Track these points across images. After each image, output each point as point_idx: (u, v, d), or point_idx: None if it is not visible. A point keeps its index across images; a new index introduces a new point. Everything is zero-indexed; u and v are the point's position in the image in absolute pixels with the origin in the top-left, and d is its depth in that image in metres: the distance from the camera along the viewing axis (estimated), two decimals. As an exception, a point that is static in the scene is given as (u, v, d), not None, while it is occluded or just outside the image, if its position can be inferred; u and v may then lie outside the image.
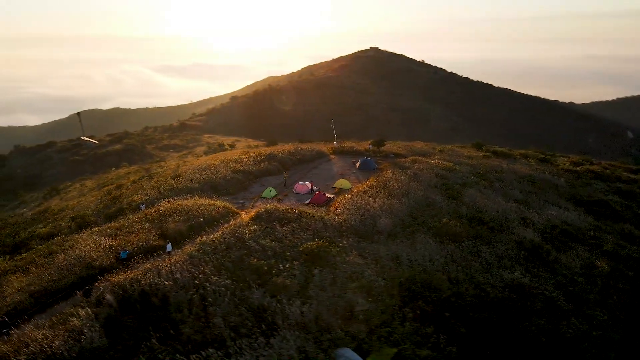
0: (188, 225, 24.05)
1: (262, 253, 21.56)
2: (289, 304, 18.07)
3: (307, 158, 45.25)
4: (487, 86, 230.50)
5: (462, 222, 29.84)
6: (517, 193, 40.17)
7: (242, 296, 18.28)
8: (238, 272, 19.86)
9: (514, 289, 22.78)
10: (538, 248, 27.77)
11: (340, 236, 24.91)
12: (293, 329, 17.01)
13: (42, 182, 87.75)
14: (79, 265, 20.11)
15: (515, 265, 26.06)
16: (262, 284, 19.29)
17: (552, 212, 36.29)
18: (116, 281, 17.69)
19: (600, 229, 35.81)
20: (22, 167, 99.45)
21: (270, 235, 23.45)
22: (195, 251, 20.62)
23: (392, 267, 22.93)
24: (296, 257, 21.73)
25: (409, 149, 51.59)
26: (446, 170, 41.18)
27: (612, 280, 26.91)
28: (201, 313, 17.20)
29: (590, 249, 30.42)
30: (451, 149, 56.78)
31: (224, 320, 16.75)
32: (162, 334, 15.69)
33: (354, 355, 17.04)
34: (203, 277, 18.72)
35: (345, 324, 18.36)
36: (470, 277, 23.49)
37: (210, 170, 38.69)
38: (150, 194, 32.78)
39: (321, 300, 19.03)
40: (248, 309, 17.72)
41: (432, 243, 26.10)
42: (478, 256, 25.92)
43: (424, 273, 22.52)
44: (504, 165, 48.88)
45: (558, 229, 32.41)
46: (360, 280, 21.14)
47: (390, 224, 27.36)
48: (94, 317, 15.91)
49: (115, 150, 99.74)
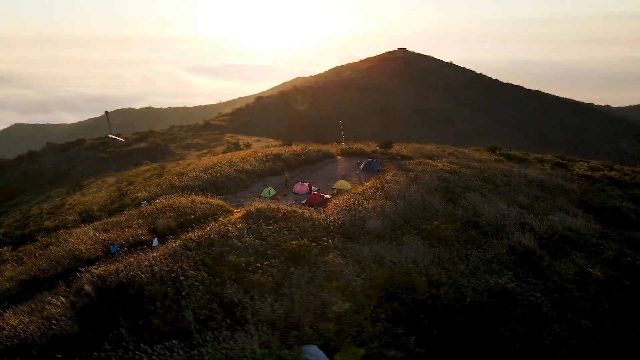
0: (178, 222, 24.92)
1: (243, 250, 22.15)
2: (261, 300, 18.55)
3: (312, 159, 45.74)
4: (516, 88, 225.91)
5: (456, 226, 29.73)
6: (523, 198, 39.56)
7: (215, 291, 18.88)
8: (216, 268, 20.49)
9: (496, 294, 22.62)
10: (530, 254, 27.42)
11: (326, 236, 25.25)
12: (261, 324, 17.47)
13: (70, 178, 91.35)
14: (67, 257, 21.21)
15: (504, 270, 25.83)
16: (238, 280, 19.85)
17: (556, 218, 35.63)
18: (97, 273, 18.60)
19: (606, 236, 34.97)
20: (53, 163, 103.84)
21: (255, 233, 24.01)
22: (178, 247, 21.39)
23: (374, 267, 23.12)
24: (277, 255, 22.21)
25: (418, 151, 51.41)
26: (450, 173, 40.91)
27: (606, 289, 26.34)
28: (174, 306, 17.87)
29: (588, 256, 29.82)
30: (463, 151, 56.20)
31: (194, 314, 17.37)
32: (131, 323, 16.47)
33: (319, 353, 17.41)
34: (180, 272, 19.43)
35: (315, 322, 18.70)
36: (454, 281, 23.47)
37: (215, 169, 39.70)
38: (152, 191, 33.98)
39: (294, 298, 19.42)
40: (220, 304, 18.30)
41: (420, 245, 26.13)
42: (466, 260, 25.81)
43: (403, 275, 22.64)
44: (515, 170, 48.15)
45: (557, 235, 31.84)
46: (338, 280, 21.43)
47: (380, 226, 27.52)
48: (69, 306, 16.83)
49: (140, 149, 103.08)
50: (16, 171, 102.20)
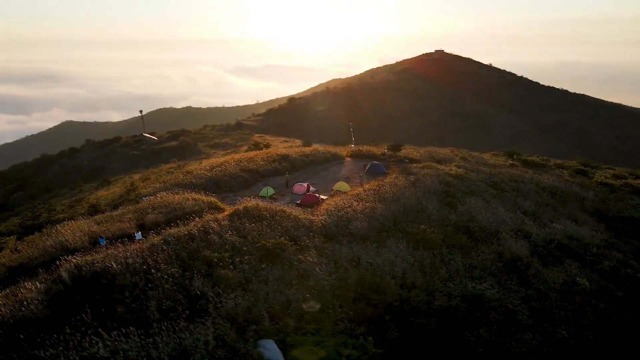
0: (167, 218, 26.09)
1: (220, 247, 22.96)
2: (225, 294, 19.31)
3: (320, 160, 46.28)
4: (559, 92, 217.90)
5: (446, 230, 29.57)
6: (529, 204, 38.71)
7: (184, 284, 19.77)
8: (190, 262, 21.38)
9: (470, 300, 22.49)
10: (517, 261, 26.98)
11: (307, 236, 25.75)
12: (221, 317, 18.24)
13: (104, 174, 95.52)
14: (55, 247, 22.72)
15: (487, 276, 25.53)
16: (208, 274, 20.72)
17: (559, 226, 34.74)
18: (74, 262, 19.88)
19: (612, 246, 33.84)
20: (90, 159, 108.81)
21: (236, 230, 24.80)
22: (158, 241, 22.51)
23: (349, 268, 23.42)
24: (253, 253, 22.89)
25: (429, 154, 50.92)
26: (455, 178, 40.49)
27: (594, 299, 25.66)
28: (141, 296, 18.85)
29: (584, 265, 28.97)
30: (477, 156, 55.16)
31: (158, 304, 18.28)
32: (96, 310, 17.61)
33: (273, 347, 17.97)
34: (153, 264, 20.48)
35: (276, 318, 19.32)
36: (430, 284, 23.50)
37: (220, 168, 40.93)
38: (156, 188, 35.50)
39: (259, 294, 20.04)
40: (186, 296, 19.17)
41: (402, 248, 26.22)
42: (448, 265, 25.73)
43: (375, 276, 22.88)
44: (527, 176, 47.02)
45: (555, 243, 31.08)
46: (308, 279, 21.95)
47: (365, 227, 27.75)
48: (44, 291, 18.17)
49: (170, 147, 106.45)
50: (57, 166, 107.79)
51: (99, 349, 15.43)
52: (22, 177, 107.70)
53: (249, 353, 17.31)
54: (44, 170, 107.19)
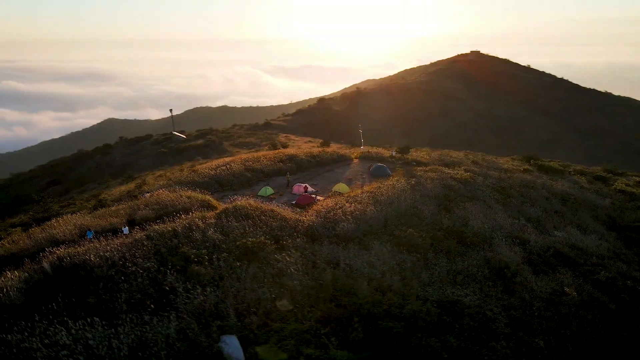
0: (157, 214, 27.06)
1: (201, 243, 23.68)
2: (195, 290, 19.99)
3: (327, 161, 46.54)
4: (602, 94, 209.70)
5: (436, 235, 29.35)
6: (535, 211, 37.75)
7: (157, 278, 20.56)
8: (168, 258, 22.13)
9: (445, 305, 22.33)
10: (504, 268, 26.50)
11: (290, 235, 26.16)
12: (187, 312, 18.89)
13: (132, 170, 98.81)
14: (46, 239, 24.05)
15: (471, 282, 25.22)
16: (183, 270, 21.46)
17: (561, 234, 33.80)
18: (58, 254, 21.02)
19: (618, 257, 32.69)
20: (121, 155, 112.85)
21: (220, 228, 25.50)
22: (142, 236, 23.46)
23: (326, 269, 23.73)
24: (232, 250, 23.49)
25: (440, 158, 50.24)
26: (459, 182, 39.89)
27: (581, 310, 24.92)
28: (115, 288, 19.81)
29: (579, 275, 28.11)
30: (491, 160, 53.89)
31: (128, 296, 19.13)
32: (69, 300, 18.62)
33: (234, 343, 18.45)
34: (131, 258, 21.40)
35: (243, 315, 19.84)
36: (408, 288, 23.45)
37: (225, 167, 41.85)
38: (160, 185, 36.72)
39: (230, 291, 20.63)
40: (157, 290, 19.90)
41: (385, 251, 26.22)
42: (432, 269, 25.59)
43: (350, 278, 23.04)
44: (539, 181, 45.75)
45: (551, 251, 30.30)
46: (282, 278, 22.39)
47: (352, 229, 27.88)
48: (24, 280, 19.32)
49: (197, 145, 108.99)
50: (91, 162, 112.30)
51: (62, 336, 16.29)
52: (59, 172, 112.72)
53: (210, 347, 17.87)
54: (79, 165, 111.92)
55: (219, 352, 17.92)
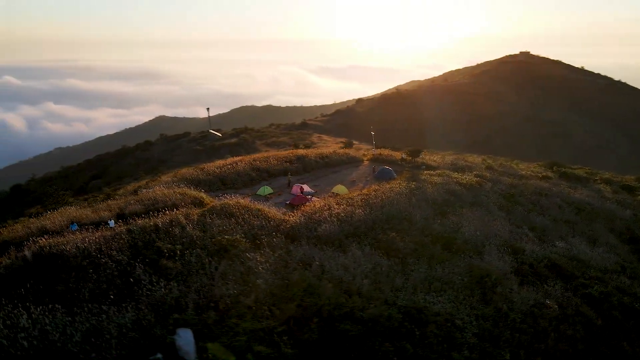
0: (146, 209, 28.18)
1: (178, 239, 24.56)
2: (159, 283, 20.84)
3: (335, 162, 46.64)
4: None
5: (423, 240, 28.90)
6: (542, 220, 36.36)
7: (127, 270, 21.58)
8: (143, 251, 23.12)
9: (410, 311, 22.07)
10: (485, 277, 25.83)
11: (270, 235, 26.60)
12: (148, 303, 19.71)
13: (166, 166, 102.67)
14: (38, 228, 25.73)
15: (448, 290, 24.69)
16: (154, 263, 22.40)
17: (563, 244, 32.38)
18: (40, 243, 22.42)
19: (624, 271, 31.09)
20: (159, 152, 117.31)
21: (202, 225, 26.31)
22: (122, 229, 24.63)
23: (297, 269, 24.04)
24: (207, 247, 24.27)
25: (453, 162, 48.99)
26: (464, 187, 38.94)
27: (563, 325, 23.89)
28: (85, 277, 20.98)
29: (570, 288, 26.94)
30: (510, 165, 51.92)
31: (93, 286, 20.25)
32: (38, 287, 19.91)
33: (187, 337, 19.06)
34: (106, 250, 22.53)
35: (202, 309, 20.51)
36: (376, 293, 23.34)
37: (231, 165, 42.87)
38: (163, 181, 38.16)
39: (194, 285, 21.30)
40: (124, 282, 20.85)
41: (365, 254, 26.14)
42: (408, 274, 25.29)
43: (318, 279, 23.22)
44: (555, 189, 43.82)
45: (545, 262, 29.14)
46: (250, 276, 22.89)
47: (334, 231, 27.95)
48: (4, 266, 20.84)
49: (230, 144, 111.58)
50: (132, 157, 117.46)
51: (22, 319, 17.46)
52: (103, 166, 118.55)
53: (164, 338, 18.61)
54: (121, 160, 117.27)
55: (172, 344, 18.60)
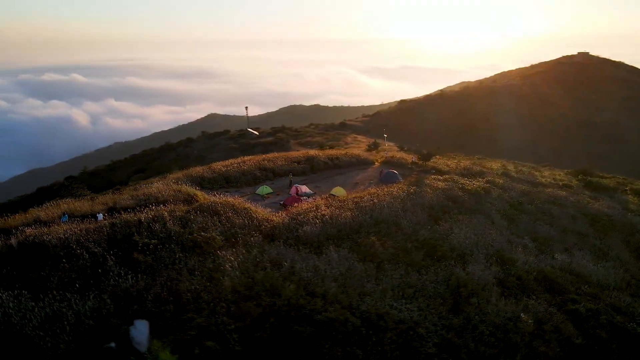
0: (137, 204, 29.46)
1: (157, 234, 25.53)
2: (126, 275, 21.85)
3: (344, 164, 46.55)
4: None
5: (406, 246, 28.46)
6: (548, 230, 34.75)
7: (99, 262, 22.78)
8: (120, 244, 24.33)
9: (370, 317, 21.90)
10: (461, 286, 25.09)
11: (249, 234, 27.13)
12: (111, 293, 20.75)
13: (202, 163, 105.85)
14: (33, 218, 27.51)
15: (420, 298, 24.26)
16: (127, 256, 23.50)
17: (564, 257, 30.81)
18: (27, 232, 24.11)
19: (628, 288, 29.25)
20: (199, 149, 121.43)
21: (184, 221, 27.22)
22: (106, 223, 25.95)
23: (267, 267, 24.42)
24: (183, 243, 25.15)
25: (467, 166, 47.40)
26: (469, 193, 37.74)
27: (536, 341, 22.83)
28: (59, 266, 22.31)
29: (555, 304, 25.65)
30: (530, 172, 49.46)
31: (64, 275, 21.52)
32: (11, 273, 21.42)
33: (142, 328, 19.83)
34: (84, 242, 23.85)
35: (162, 303, 21.34)
36: (342, 296, 23.31)
37: (237, 164, 43.81)
38: (170, 177, 39.66)
39: (161, 278, 22.17)
40: (93, 273, 21.92)
41: (341, 257, 26.13)
42: (380, 280, 25.04)
43: (284, 279, 23.50)
44: (572, 198, 41.53)
45: (534, 274, 27.85)
46: (217, 273, 23.51)
47: (315, 232, 28.05)
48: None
49: (264, 142, 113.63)
50: (173, 153, 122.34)
51: (-12, 301, 18.92)
52: (146, 161, 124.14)
53: (119, 327, 19.58)
54: (163, 156, 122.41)
55: (127, 333, 19.55)
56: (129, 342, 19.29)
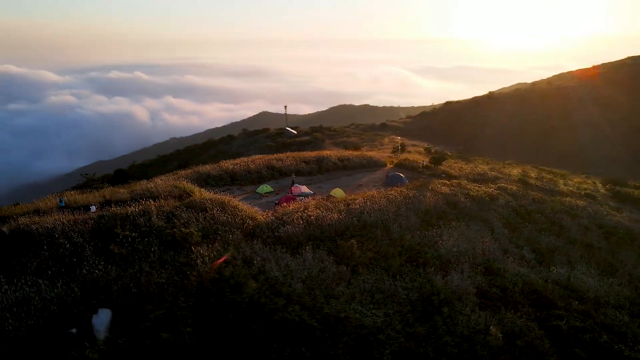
0: (132, 197, 30.81)
1: (140, 227, 26.63)
2: (98, 265, 22.97)
3: (354, 165, 46.14)
4: None
5: (387, 250, 27.99)
6: (553, 242, 33.04)
7: (77, 251, 24.07)
8: (102, 236, 25.54)
9: (328, 320, 21.83)
10: (434, 295, 24.40)
11: (229, 231, 27.67)
12: (80, 282, 21.90)
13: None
14: (32, 208, 29.35)
15: (389, 304, 23.88)
16: (104, 247, 24.70)
17: (562, 271, 29.13)
18: (20, 220, 25.93)
19: (628, 307, 27.31)
20: (237, 146, 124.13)
21: (169, 216, 28.17)
22: (94, 215, 27.34)
23: (238, 264, 24.88)
24: (161, 237, 26.07)
25: (482, 172, 45.41)
26: (472, 200, 36.40)
27: (504, 356, 21.85)
28: (41, 254, 23.83)
29: (536, 318, 24.36)
30: (551, 179, 46.47)
31: (42, 262, 22.90)
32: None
33: (103, 316, 20.78)
34: (69, 232, 25.26)
35: (128, 293, 22.30)
36: (306, 298, 23.35)
37: (245, 163, 44.52)
38: (179, 174, 41.02)
39: (133, 270, 22.97)
40: (70, 261, 23.24)
41: (316, 259, 26.12)
42: (352, 284, 24.82)
43: (249, 278, 23.83)
44: (590, 209, 38.92)
45: (519, 286, 26.56)
46: (187, 268, 24.17)
47: (296, 233, 28.16)
48: (-18, 236, 24.50)
49: (299, 141, 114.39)
50: (214, 149, 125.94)
51: (-33, 283, 20.52)
52: (190, 156, 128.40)
53: (82, 314, 20.70)
54: (205, 152, 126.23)
55: (89, 321, 20.65)
56: (90, 329, 20.38)
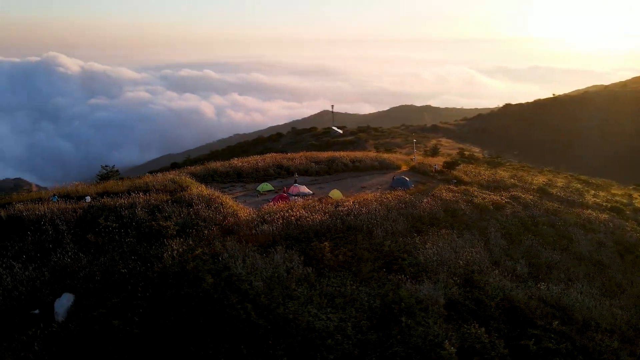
0: (128, 189, 32.41)
1: (123, 219, 28.02)
2: (72, 252, 24.46)
3: (364, 167, 45.43)
4: None
5: (362, 254, 27.42)
6: (553, 256, 30.91)
7: (58, 238, 25.72)
8: (86, 225, 27.05)
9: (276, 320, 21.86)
10: (395, 304, 23.60)
11: (207, 227, 28.35)
12: (50, 268, 23.34)
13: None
14: (32, 197, 31.52)
15: (349, 309, 23.44)
16: (83, 236, 26.21)
17: (555, 287, 27.09)
18: (16, 207, 28.12)
19: (624, 330, 25.12)
20: (284, 144, 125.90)
21: (154, 209, 29.36)
22: (85, 205, 29.07)
23: (205, 259, 25.44)
24: (140, 229, 27.19)
25: (499, 179, 42.78)
26: (475, 207, 34.58)
27: (457, 372, 20.79)
28: (24, 239, 25.66)
29: (505, 335, 22.86)
30: (578, 189, 42.70)
31: (22, 246, 24.56)
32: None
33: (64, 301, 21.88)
34: (56, 220, 27.06)
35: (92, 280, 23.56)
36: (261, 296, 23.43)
37: (254, 161, 45.10)
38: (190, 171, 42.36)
39: (104, 258, 24.29)
40: (48, 247, 24.74)
41: (285, 260, 26.11)
42: (315, 288, 24.60)
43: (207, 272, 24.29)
44: (612, 223, 35.63)
45: (497, 300, 25.02)
46: (154, 259, 25.11)
47: (272, 232, 28.37)
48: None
49: (342, 141, 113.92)
50: (262, 146, 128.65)
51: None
52: (239, 152, 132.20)
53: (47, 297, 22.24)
54: (253, 148, 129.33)
55: (52, 303, 22.13)
56: (52, 312, 21.81)
